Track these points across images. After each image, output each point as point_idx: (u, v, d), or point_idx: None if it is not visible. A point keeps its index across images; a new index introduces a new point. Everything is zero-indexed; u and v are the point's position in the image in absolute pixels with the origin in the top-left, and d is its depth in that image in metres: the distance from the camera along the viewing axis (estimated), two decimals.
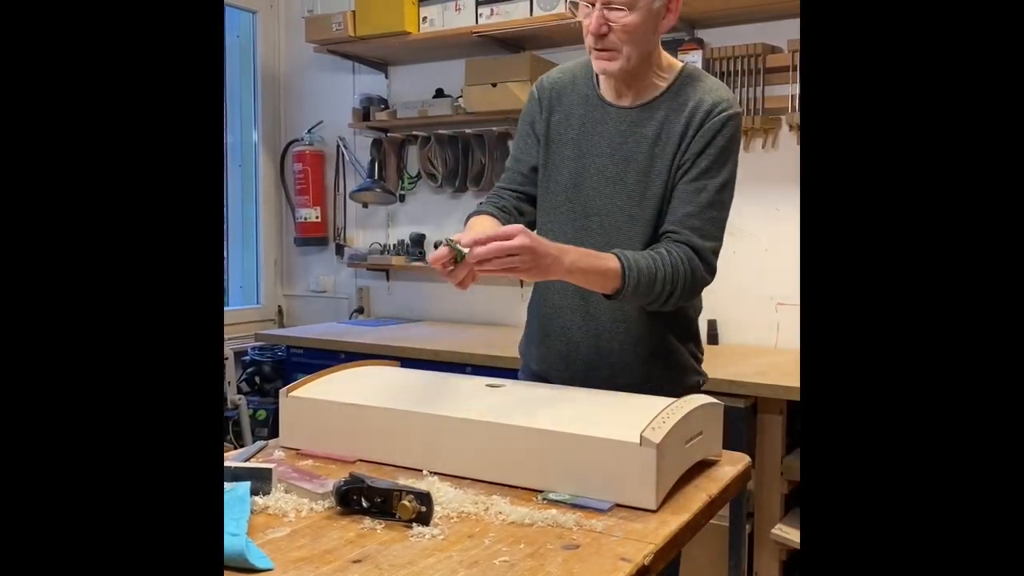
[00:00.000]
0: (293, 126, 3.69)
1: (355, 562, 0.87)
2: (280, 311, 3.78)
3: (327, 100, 3.58)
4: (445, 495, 1.04)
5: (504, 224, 1.37)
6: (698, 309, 1.51)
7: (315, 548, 0.91)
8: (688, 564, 2.20)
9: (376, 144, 3.41)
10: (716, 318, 2.76)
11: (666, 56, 1.44)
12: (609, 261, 1.26)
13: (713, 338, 2.75)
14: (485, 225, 1.40)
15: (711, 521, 1.11)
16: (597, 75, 1.43)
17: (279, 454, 1.26)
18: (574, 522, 0.98)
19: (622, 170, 1.39)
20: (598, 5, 1.32)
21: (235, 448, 2.98)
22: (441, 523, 0.98)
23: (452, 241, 1.14)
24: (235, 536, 0.88)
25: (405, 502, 0.97)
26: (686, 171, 1.36)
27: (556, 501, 1.05)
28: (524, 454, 1.10)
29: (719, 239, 1.36)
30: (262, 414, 3.14)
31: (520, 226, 1.17)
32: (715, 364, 2.39)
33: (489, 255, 1.13)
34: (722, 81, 2.59)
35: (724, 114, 1.36)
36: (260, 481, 1.05)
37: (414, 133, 3.30)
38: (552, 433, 1.08)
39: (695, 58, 2.65)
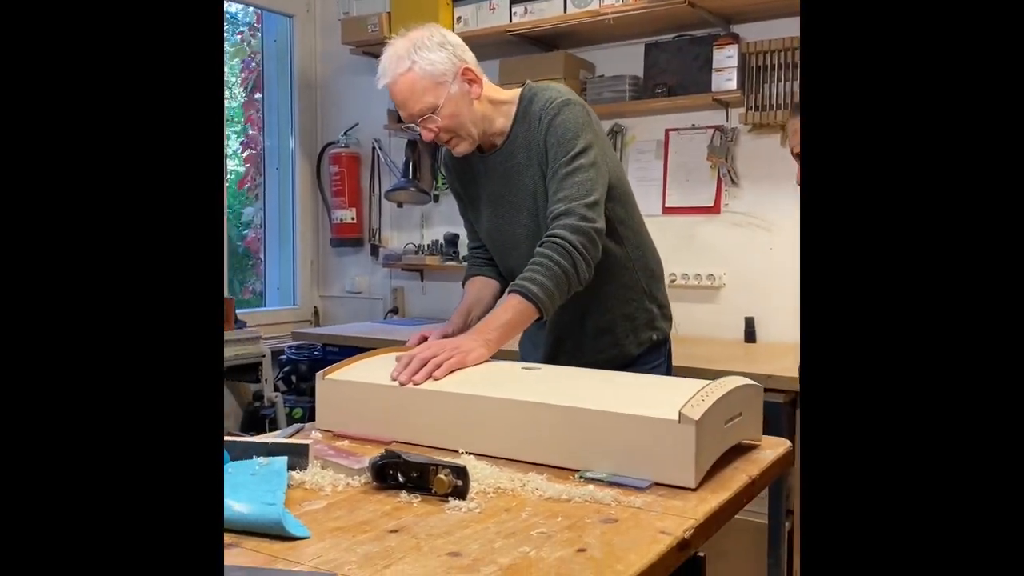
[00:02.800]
0: (329, 129, 3.74)
1: (392, 532, 0.87)
2: (316, 312, 3.81)
3: (363, 103, 3.61)
4: (481, 472, 1.04)
5: (498, 279, 1.68)
6: (647, 269, 1.64)
7: (351, 519, 0.91)
8: (723, 561, 2.17)
9: (411, 145, 3.43)
10: (754, 316, 2.72)
11: (504, 94, 1.57)
12: (517, 303, 1.37)
13: (751, 335, 2.71)
14: (482, 295, 1.66)
15: (749, 519, 1.09)
16: None
17: (316, 435, 1.26)
18: (612, 498, 0.97)
19: (520, 199, 1.55)
20: (417, 125, 1.50)
21: None
22: (477, 497, 0.97)
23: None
24: (272, 505, 0.89)
25: (441, 476, 0.97)
26: (549, 166, 1.49)
27: (593, 479, 1.04)
28: (561, 433, 1.09)
29: (590, 192, 1.44)
30: (298, 412, 3.16)
31: (419, 335, 1.50)
32: (753, 361, 2.36)
33: (415, 372, 1.23)
34: (755, 76, 2.58)
35: (554, 105, 1.48)
36: (297, 456, 1.05)
37: None
38: (590, 412, 1.07)
39: (730, 53, 2.63)
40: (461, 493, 0.97)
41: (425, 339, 1.59)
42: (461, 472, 0.97)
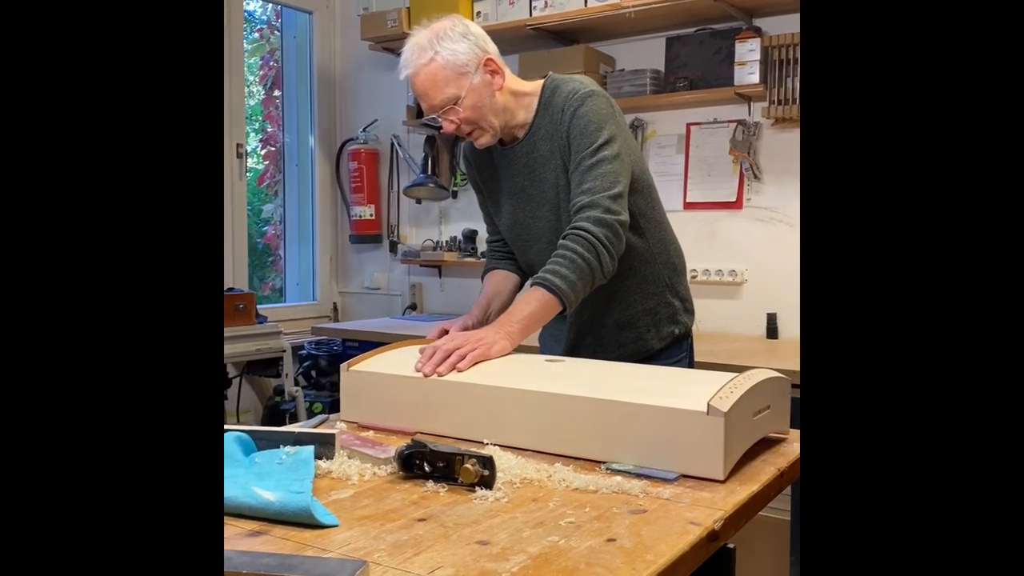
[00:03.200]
0: (348, 125, 3.74)
1: (420, 520, 0.87)
2: (335, 308, 3.83)
3: (381, 99, 3.62)
4: (508, 463, 1.03)
5: (518, 272, 1.69)
6: (669, 263, 1.63)
7: (379, 508, 0.91)
8: (748, 557, 2.15)
9: (429, 141, 3.43)
10: (776, 312, 2.70)
11: (526, 85, 1.56)
12: (540, 295, 1.37)
13: (773, 332, 2.69)
14: (501, 288, 1.65)
15: (773, 515, 1.08)
16: None
17: (341, 425, 1.26)
18: (640, 489, 0.96)
19: (540, 193, 1.54)
20: (438, 116, 1.49)
21: None
22: (504, 488, 0.97)
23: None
24: (300, 494, 0.88)
25: (468, 466, 0.96)
26: (572, 158, 1.48)
27: (620, 471, 1.03)
28: (588, 425, 1.08)
29: (613, 184, 1.43)
30: (319, 407, 3.18)
31: (440, 328, 1.49)
32: (775, 357, 2.34)
33: (439, 364, 1.24)
34: (777, 70, 2.55)
35: (576, 96, 1.47)
36: (323, 446, 1.05)
37: None
38: (617, 403, 1.06)
39: (753, 46, 2.61)
40: (488, 483, 0.96)
41: (446, 332, 1.58)
42: (488, 462, 0.97)
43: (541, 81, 1.56)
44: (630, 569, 0.74)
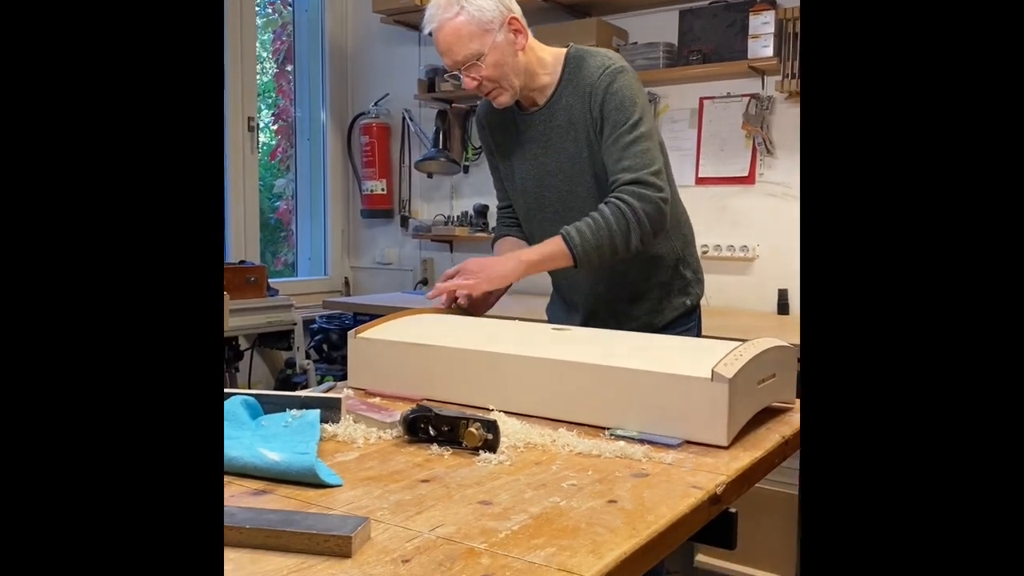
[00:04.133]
0: (360, 99, 3.74)
1: (423, 481, 0.87)
2: (347, 282, 3.84)
3: (393, 72, 3.61)
4: (512, 427, 1.04)
5: (527, 240, 1.67)
6: (681, 235, 1.64)
7: (383, 469, 0.92)
8: (756, 531, 2.16)
9: (441, 115, 3.42)
10: (787, 287, 2.68)
11: (548, 51, 1.55)
12: (557, 243, 1.41)
13: (783, 307, 2.68)
14: (506, 251, 1.63)
15: (780, 489, 1.08)
16: None
17: (348, 392, 1.27)
18: (643, 454, 0.96)
19: (555, 163, 1.54)
20: (460, 73, 1.49)
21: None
22: (508, 451, 0.97)
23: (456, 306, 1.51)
24: (304, 454, 0.89)
25: (472, 430, 0.97)
26: (602, 132, 1.47)
27: (624, 437, 1.03)
28: (592, 391, 1.08)
29: (653, 162, 1.44)
30: (329, 379, 3.20)
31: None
32: (785, 332, 2.33)
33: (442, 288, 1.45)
34: (792, 43, 2.52)
35: (608, 71, 1.47)
36: (329, 410, 1.06)
37: (478, 103, 3.30)
38: (621, 370, 1.06)
39: (767, 19, 2.57)
40: (492, 447, 0.97)
41: (455, 299, 1.57)
42: (492, 426, 0.97)
43: (564, 50, 1.55)
44: (630, 529, 0.75)
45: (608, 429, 1.06)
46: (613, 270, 1.52)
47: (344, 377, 1.36)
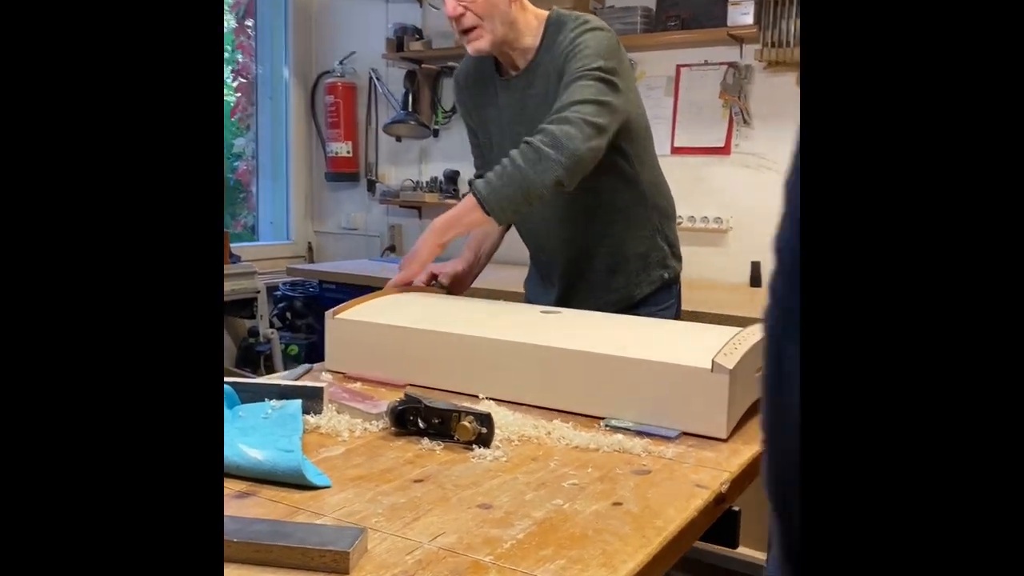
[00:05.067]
0: (325, 57, 3.60)
1: (416, 481, 0.83)
2: (310, 248, 3.74)
3: (360, 30, 3.48)
4: (504, 419, 1.00)
5: None
6: (660, 208, 1.57)
7: (372, 467, 0.87)
8: (755, 526, 2.17)
9: (410, 76, 3.31)
10: (760, 260, 2.67)
11: (533, 12, 1.47)
12: (467, 199, 1.34)
13: (756, 280, 2.67)
14: (491, 228, 1.55)
15: None
16: (495, 57, 1.48)
17: (326, 376, 1.21)
18: (642, 448, 0.93)
19: (527, 133, 1.40)
20: None
21: None
22: (502, 445, 0.93)
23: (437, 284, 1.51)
24: (289, 452, 0.84)
25: (465, 423, 0.92)
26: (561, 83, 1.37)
27: (620, 428, 1.00)
28: (587, 380, 1.04)
29: (586, 97, 1.31)
30: (294, 349, 3.13)
31: (429, 273, 1.49)
32: (759, 306, 2.32)
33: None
34: (772, 10, 2.47)
35: (578, 27, 1.38)
36: (311, 400, 1.01)
37: (449, 64, 3.20)
38: (618, 359, 1.02)
39: None
40: (485, 441, 0.93)
41: (434, 276, 1.53)
42: (486, 419, 0.93)
43: (544, 13, 1.48)
44: (640, 536, 0.71)
45: (603, 419, 1.02)
46: (585, 237, 1.46)
47: (309, 345, 1.30)
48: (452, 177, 3.26)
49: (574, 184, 1.31)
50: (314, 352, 3.06)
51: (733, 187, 2.72)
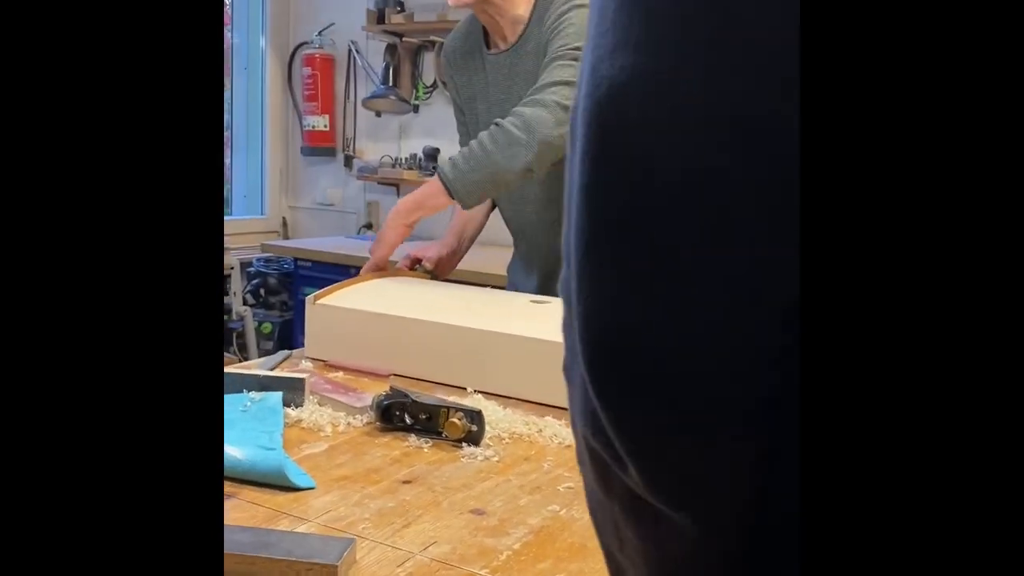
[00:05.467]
0: (303, 28, 3.50)
1: (405, 483, 0.79)
2: (284, 223, 3.66)
3: (340, 0, 3.38)
4: (494, 414, 0.96)
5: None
6: None
7: (358, 466, 0.83)
8: None
9: (390, 49, 3.23)
10: None
11: None
12: (429, 183, 1.31)
13: None
14: (474, 211, 1.51)
15: None
16: (484, 27, 1.42)
17: (306, 364, 1.17)
18: None
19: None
20: None
21: (238, 360, 2.92)
22: (493, 444, 0.89)
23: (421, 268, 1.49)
24: (271, 450, 0.80)
25: (454, 420, 0.88)
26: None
27: None
28: None
29: (562, 78, 1.25)
30: (267, 327, 3.06)
31: (411, 257, 1.51)
32: None
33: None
34: None
35: (567, 4, 1.31)
36: (292, 392, 0.96)
37: (431, 39, 3.13)
38: None
39: None
40: (475, 439, 0.89)
41: (417, 260, 1.49)
42: (476, 416, 0.89)
43: None
44: None
45: None
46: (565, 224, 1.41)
47: (284, 324, 1.26)
48: (432, 154, 3.19)
49: (543, 170, 1.26)
50: (288, 331, 3.00)
51: None
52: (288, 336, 2.96)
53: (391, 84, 3.18)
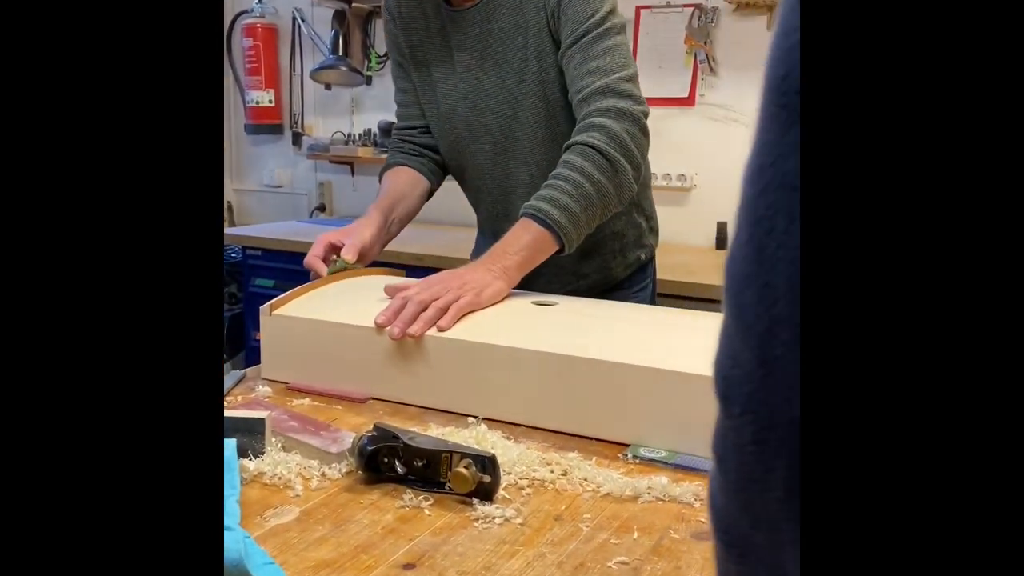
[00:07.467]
0: None
1: (406, 567, 0.60)
2: (230, 207, 3.40)
3: None
4: (506, 452, 0.77)
5: (429, 177, 1.33)
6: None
7: (340, 542, 0.63)
8: None
9: (338, 16, 2.97)
10: (727, 220, 2.50)
11: None
12: (529, 229, 1.05)
13: (722, 242, 2.50)
14: (407, 191, 1.30)
15: None
16: None
17: (264, 389, 0.96)
18: (692, 495, 0.72)
19: (495, 79, 1.21)
20: None
21: None
22: (512, 495, 0.71)
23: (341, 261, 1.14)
24: (228, 531, 0.60)
25: (461, 470, 0.69)
26: (559, 36, 1.15)
27: (651, 460, 0.79)
28: (603, 397, 0.83)
29: (627, 64, 1.13)
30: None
31: (326, 243, 1.15)
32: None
33: (410, 321, 0.92)
34: None
35: None
36: (249, 436, 0.76)
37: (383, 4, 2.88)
38: (643, 370, 0.81)
39: None
40: (488, 493, 0.70)
41: (333, 247, 1.17)
42: (488, 463, 0.70)
43: None
44: None
45: (628, 447, 0.81)
46: None
47: (232, 318, 1.05)
48: (387, 129, 2.96)
49: None
50: (238, 327, 2.76)
51: (698, 141, 2.52)
52: (239, 333, 2.72)
53: (341, 54, 2.93)
